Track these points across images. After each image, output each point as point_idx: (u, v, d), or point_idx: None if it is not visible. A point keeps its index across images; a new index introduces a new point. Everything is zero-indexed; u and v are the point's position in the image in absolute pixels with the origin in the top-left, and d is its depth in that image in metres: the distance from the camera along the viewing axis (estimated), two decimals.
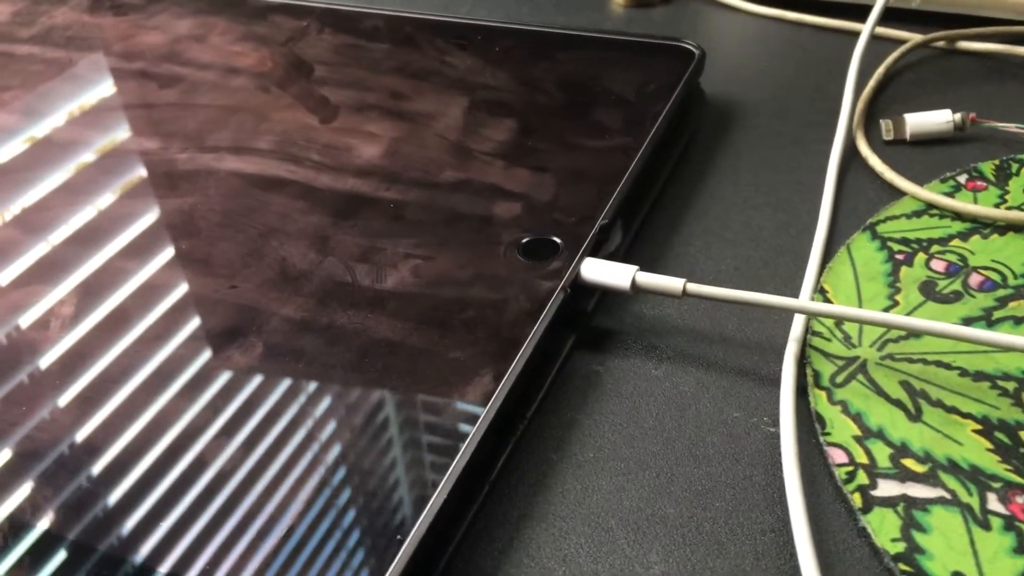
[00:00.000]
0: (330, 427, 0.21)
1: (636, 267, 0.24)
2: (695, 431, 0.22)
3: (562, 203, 0.26)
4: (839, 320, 0.23)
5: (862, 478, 0.20)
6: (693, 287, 0.23)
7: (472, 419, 0.20)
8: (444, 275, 0.24)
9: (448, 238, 0.25)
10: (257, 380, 0.22)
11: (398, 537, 0.18)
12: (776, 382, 0.23)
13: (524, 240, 0.25)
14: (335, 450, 0.20)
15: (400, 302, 0.24)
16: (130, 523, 0.19)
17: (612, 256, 0.26)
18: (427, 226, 0.26)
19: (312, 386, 0.22)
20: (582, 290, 0.24)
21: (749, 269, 0.26)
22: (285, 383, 0.22)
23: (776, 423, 0.22)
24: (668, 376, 0.23)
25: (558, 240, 0.25)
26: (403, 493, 0.19)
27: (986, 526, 0.19)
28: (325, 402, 0.21)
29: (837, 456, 0.20)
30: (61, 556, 0.19)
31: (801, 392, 0.22)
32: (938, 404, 0.21)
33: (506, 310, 0.23)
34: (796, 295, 0.25)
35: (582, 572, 0.19)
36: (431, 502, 0.19)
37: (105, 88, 0.34)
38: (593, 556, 0.19)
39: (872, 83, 0.32)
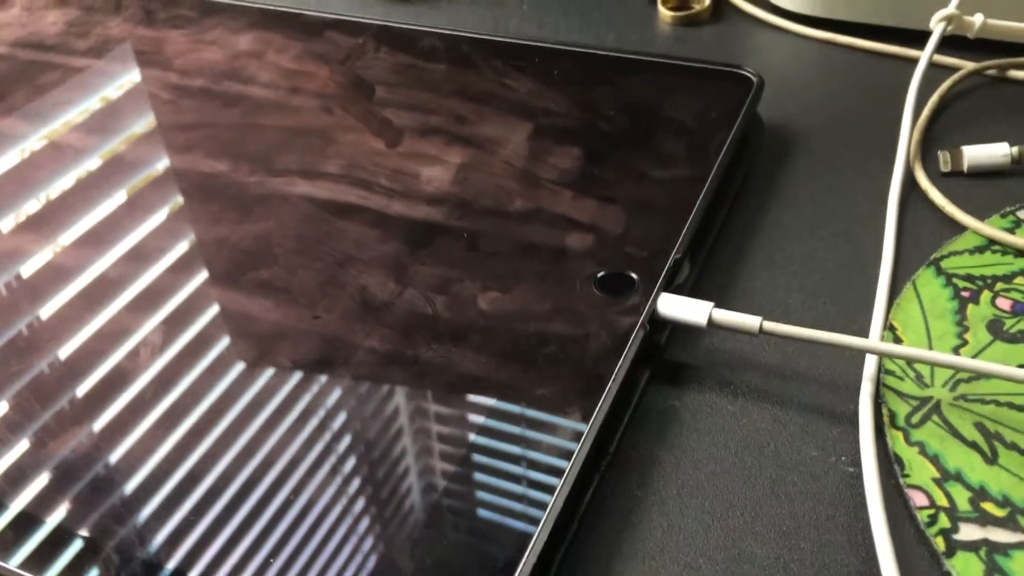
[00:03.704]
0: (426, 467, 0.21)
1: (712, 304, 0.24)
2: (775, 469, 0.22)
3: (634, 236, 0.27)
4: (911, 360, 0.24)
5: (944, 521, 0.20)
6: (769, 325, 0.24)
7: (565, 458, 0.21)
8: (523, 309, 0.25)
9: (523, 270, 0.26)
10: (349, 412, 0.23)
11: None
12: (850, 420, 0.23)
13: (600, 274, 0.26)
14: (432, 492, 0.21)
15: (483, 336, 0.24)
16: (227, 552, 0.20)
17: (679, 289, 0.26)
18: (502, 257, 0.26)
19: (402, 422, 0.22)
20: (656, 324, 0.25)
21: (816, 303, 0.26)
22: (376, 417, 0.22)
23: (854, 463, 0.22)
24: (744, 412, 0.24)
25: (634, 275, 0.25)
26: (502, 534, 0.20)
27: None
28: (417, 440, 0.22)
29: (918, 499, 0.21)
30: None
31: (877, 432, 0.23)
32: (1013, 447, 0.22)
33: (587, 346, 0.24)
34: (864, 330, 0.26)
35: None
36: (533, 541, 0.19)
37: (169, 106, 0.34)
38: None
39: (926, 112, 0.33)
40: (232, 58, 0.36)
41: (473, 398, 0.23)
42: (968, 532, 0.20)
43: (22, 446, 0.23)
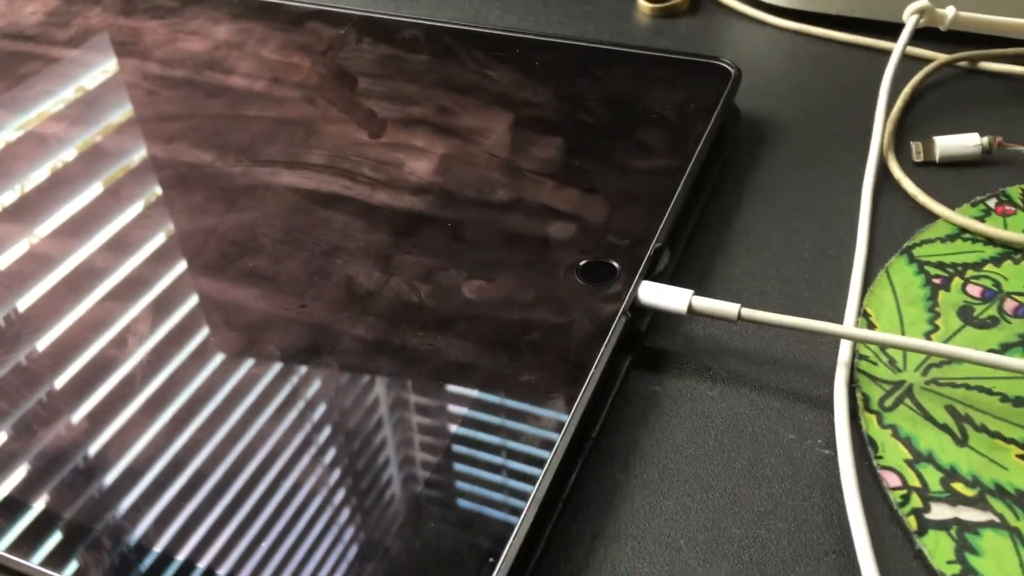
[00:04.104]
0: (412, 451, 0.22)
1: (692, 291, 0.25)
2: (753, 452, 0.23)
3: (615, 225, 0.27)
4: (884, 345, 0.25)
5: (916, 501, 0.21)
6: (748, 312, 0.24)
7: (549, 444, 0.21)
8: (508, 297, 0.25)
9: (507, 259, 0.26)
10: (336, 400, 0.23)
11: (491, 560, 0.19)
12: (826, 404, 0.24)
13: (582, 263, 0.26)
14: (419, 474, 0.21)
15: (468, 324, 0.25)
16: (213, 537, 0.20)
17: (660, 277, 0.27)
18: (485, 246, 0.27)
19: (390, 408, 0.23)
20: (637, 311, 0.25)
21: (793, 290, 0.27)
22: (362, 404, 0.23)
23: (829, 445, 0.23)
24: (723, 397, 0.24)
25: (615, 263, 0.26)
26: (489, 515, 0.20)
27: None
28: (405, 425, 0.22)
29: (891, 479, 0.22)
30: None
31: (851, 415, 0.23)
32: (982, 429, 0.23)
33: (571, 333, 0.24)
34: (839, 317, 0.26)
35: None
36: (518, 524, 0.20)
37: (151, 96, 0.34)
38: (666, 575, 0.21)
39: (899, 103, 0.33)
40: (213, 48, 0.36)
41: (457, 385, 0.23)
42: (939, 511, 0.21)
43: (12, 434, 0.23)
